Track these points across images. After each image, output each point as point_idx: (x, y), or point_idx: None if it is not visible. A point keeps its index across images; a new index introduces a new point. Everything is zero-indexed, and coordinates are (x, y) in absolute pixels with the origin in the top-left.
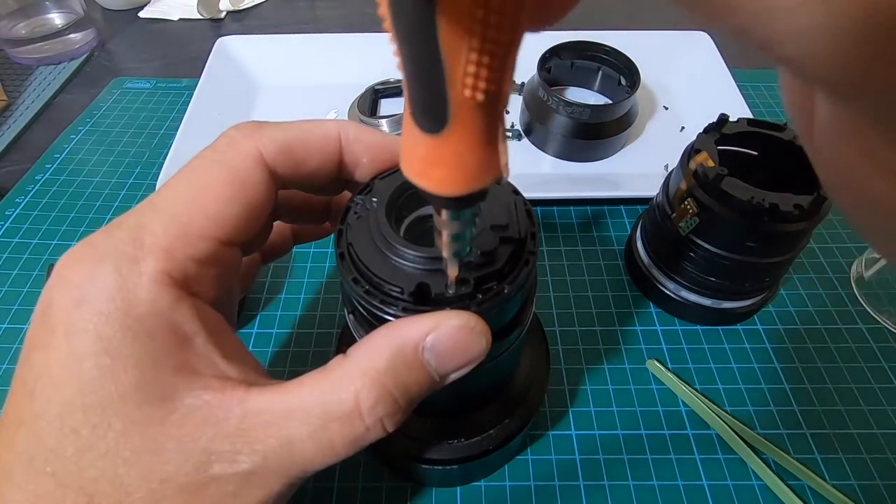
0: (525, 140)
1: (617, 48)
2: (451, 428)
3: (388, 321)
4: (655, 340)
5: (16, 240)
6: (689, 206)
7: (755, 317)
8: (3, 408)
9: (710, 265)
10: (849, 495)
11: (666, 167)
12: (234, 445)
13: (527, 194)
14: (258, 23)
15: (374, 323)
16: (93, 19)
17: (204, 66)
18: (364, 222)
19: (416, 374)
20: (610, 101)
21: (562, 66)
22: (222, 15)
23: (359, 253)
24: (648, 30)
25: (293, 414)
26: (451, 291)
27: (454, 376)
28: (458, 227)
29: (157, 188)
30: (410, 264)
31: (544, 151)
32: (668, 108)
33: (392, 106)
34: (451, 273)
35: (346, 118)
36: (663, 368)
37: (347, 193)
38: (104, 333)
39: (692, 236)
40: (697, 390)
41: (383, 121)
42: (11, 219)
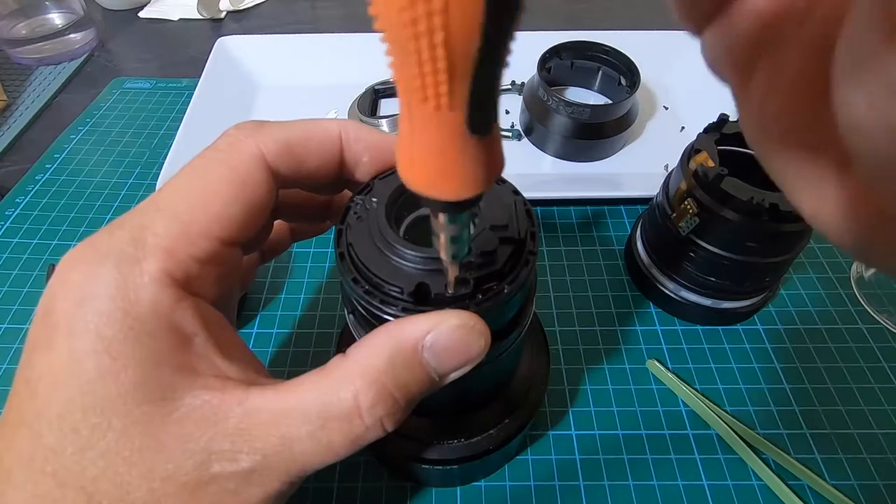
0: (525, 140)
1: (617, 48)
2: (451, 428)
3: (388, 321)
4: (655, 340)
5: (16, 240)
6: (689, 206)
7: (755, 317)
8: (4, 407)
9: (710, 265)
10: (849, 495)
11: (666, 167)
12: (234, 444)
13: (527, 194)
14: (258, 23)
15: (374, 323)
16: (93, 19)
17: (204, 66)
18: (364, 222)
19: (415, 373)
20: (610, 101)
21: (562, 66)
22: (222, 15)
23: (359, 253)
24: (648, 30)
25: (293, 413)
26: (450, 292)
27: (454, 376)
28: (455, 229)
29: (158, 188)
30: (410, 264)
31: (544, 151)
32: (668, 108)
33: (392, 106)
34: (450, 274)
35: (347, 118)
36: (663, 368)
37: (348, 192)
38: (105, 333)
39: (692, 236)
40: (697, 390)
41: (383, 121)
42: (11, 219)
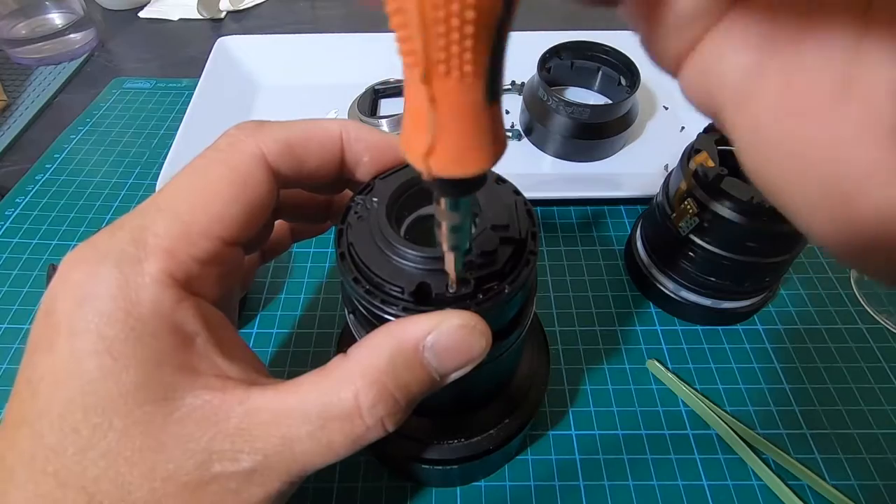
0: (525, 140)
1: (617, 48)
2: (452, 428)
3: (389, 321)
4: (655, 340)
5: (16, 240)
6: (689, 206)
7: (755, 317)
8: (5, 407)
9: (710, 265)
10: (849, 495)
11: (666, 167)
12: (235, 444)
13: (527, 194)
14: (258, 23)
15: (375, 323)
16: (93, 19)
17: (204, 66)
18: (364, 222)
19: (416, 373)
20: (610, 101)
21: (562, 66)
22: (222, 15)
23: (359, 253)
24: None
25: (293, 413)
26: (451, 290)
27: (454, 376)
28: (457, 217)
29: (158, 188)
30: (411, 264)
31: (544, 151)
32: (668, 108)
33: (392, 106)
34: (448, 267)
35: (347, 118)
36: (663, 368)
37: (348, 192)
38: (106, 333)
39: (692, 236)
40: (697, 390)
41: (383, 121)
42: (11, 219)
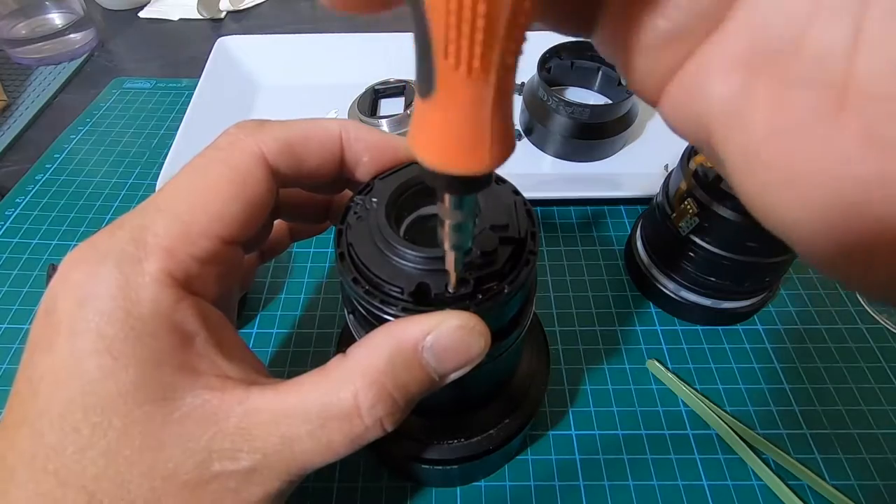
0: (525, 140)
1: None
2: (451, 428)
3: (388, 321)
4: (655, 340)
5: (16, 240)
6: (689, 206)
7: (755, 317)
8: (5, 407)
9: (710, 265)
10: (849, 495)
11: (666, 167)
12: (234, 444)
13: (527, 194)
14: (258, 23)
15: (374, 323)
16: (93, 19)
17: (204, 66)
18: (364, 222)
19: (415, 373)
20: (610, 101)
21: (562, 66)
22: (222, 15)
23: (359, 253)
24: None
25: (293, 413)
26: (451, 290)
27: (453, 376)
28: (460, 216)
29: (158, 188)
30: (410, 264)
31: (544, 151)
32: None
33: (392, 106)
34: (449, 266)
35: (347, 118)
36: (663, 368)
37: (348, 192)
38: (106, 333)
39: (692, 236)
40: (697, 390)
41: (383, 121)
42: (11, 219)
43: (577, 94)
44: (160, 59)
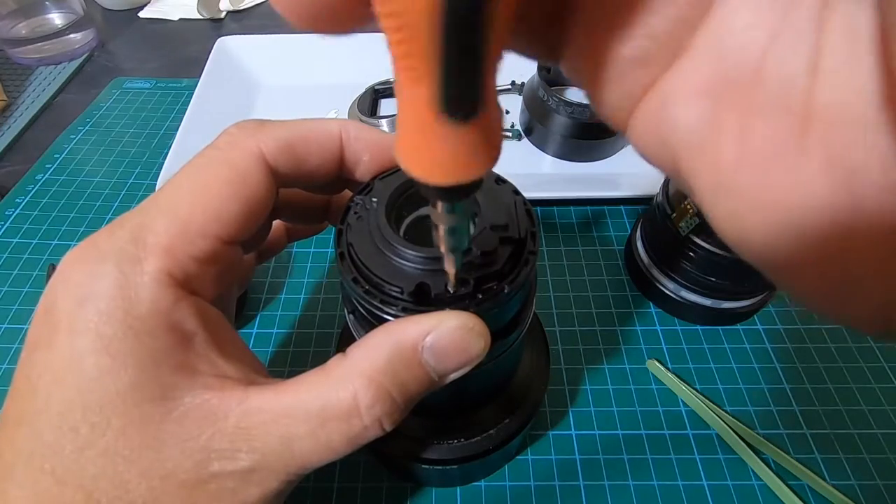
0: (525, 140)
1: None
2: (451, 428)
3: (388, 321)
4: (655, 340)
5: (16, 240)
6: (689, 206)
7: (755, 317)
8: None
9: (710, 265)
10: (849, 495)
11: None
12: (233, 444)
13: (527, 194)
14: (258, 23)
15: (374, 323)
16: (93, 19)
17: (204, 66)
18: (364, 222)
19: (414, 373)
20: None
21: None
22: (222, 15)
23: (359, 253)
24: None
25: (292, 412)
26: (450, 290)
27: (453, 376)
28: (452, 220)
29: (158, 188)
30: (410, 264)
31: (544, 151)
32: None
33: (392, 106)
34: (448, 267)
35: (347, 118)
36: (663, 368)
37: (347, 193)
38: (105, 332)
39: (692, 236)
40: (697, 390)
41: (383, 121)
42: (11, 219)
43: (577, 94)
44: (160, 59)
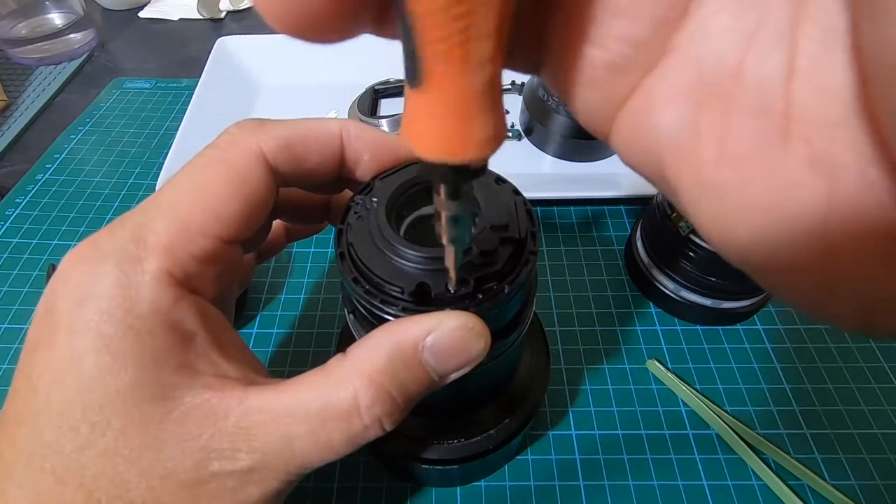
0: (525, 140)
1: None
2: (451, 428)
3: (388, 321)
4: (655, 340)
5: (16, 240)
6: None
7: (755, 317)
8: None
9: (710, 265)
10: (849, 495)
11: None
12: (233, 443)
13: (527, 194)
14: (258, 23)
15: (374, 323)
16: (93, 19)
17: (204, 66)
18: (364, 222)
19: (414, 373)
20: None
21: None
22: (222, 15)
23: (359, 253)
24: None
25: (292, 412)
26: (451, 290)
27: (453, 376)
28: (456, 208)
29: (158, 188)
30: (410, 264)
31: (544, 151)
32: None
33: (392, 106)
34: (448, 262)
35: (347, 118)
36: (663, 368)
37: (347, 192)
38: (105, 332)
39: (692, 236)
40: (697, 390)
41: (383, 121)
42: (11, 219)
43: None
44: (160, 59)
